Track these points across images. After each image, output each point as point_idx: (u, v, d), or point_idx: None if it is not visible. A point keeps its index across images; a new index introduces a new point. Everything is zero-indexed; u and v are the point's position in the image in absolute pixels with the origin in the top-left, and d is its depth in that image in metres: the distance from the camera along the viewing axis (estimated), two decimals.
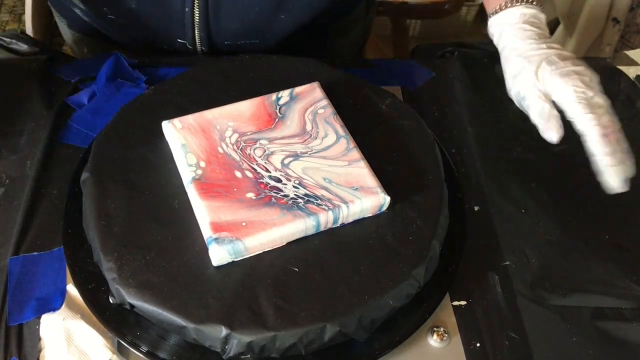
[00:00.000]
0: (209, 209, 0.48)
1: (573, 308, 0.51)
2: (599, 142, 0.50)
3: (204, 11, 0.69)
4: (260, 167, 0.51)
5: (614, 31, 1.50)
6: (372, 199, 0.49)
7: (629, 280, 0.53)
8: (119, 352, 0.47)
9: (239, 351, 0.44)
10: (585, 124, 0.51)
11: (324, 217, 0.48)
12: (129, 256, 0.47)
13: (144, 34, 0.74)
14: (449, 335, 0.49)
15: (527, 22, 0.59)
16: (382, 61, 0.72)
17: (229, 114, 0.55)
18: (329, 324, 0.44)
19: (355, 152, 0.53)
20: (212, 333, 0.44)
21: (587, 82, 0.53)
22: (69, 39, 0.83)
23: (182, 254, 0.47)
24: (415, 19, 1.56)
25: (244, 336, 0.43)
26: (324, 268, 0.47)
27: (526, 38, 0.57)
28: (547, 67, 0.54)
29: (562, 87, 0.52)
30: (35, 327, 0.47)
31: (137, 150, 0.54)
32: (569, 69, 0.54)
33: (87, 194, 0.51)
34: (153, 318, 0.45)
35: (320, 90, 0.58)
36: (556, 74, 0.53)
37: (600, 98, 0.52)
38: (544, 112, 0.53)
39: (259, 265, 0.47)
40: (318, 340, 0.44)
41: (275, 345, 0.44)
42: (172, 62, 0.70)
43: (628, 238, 0.57)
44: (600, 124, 0.51)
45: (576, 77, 0.53)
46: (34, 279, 0.50)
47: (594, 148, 0.51)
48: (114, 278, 0.46)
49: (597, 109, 0.52)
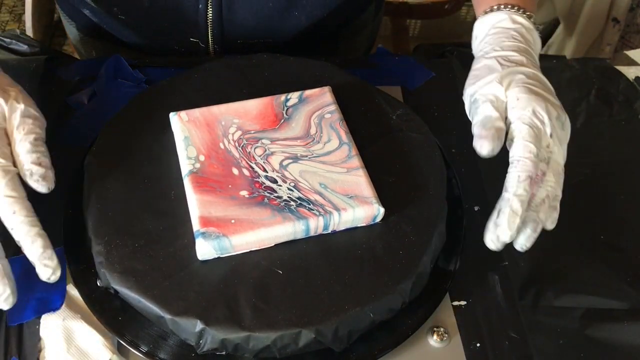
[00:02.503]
0: (201, 203, 0.48)
1: (565, 309, 0.51)
2: (520, 180, 0.44)
3: (218, 7, 0.69)
4: (258, 166, 0.51)
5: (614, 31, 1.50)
6: (365, 208, 0.49)
7: (621, 281, 0.53)
8: (119, 352, 0.47)
9: (213, 347, 0.44)
10: (520, 149, 0.46)
11: (314, 222, 0.48)
12: (118, 241, 0.48)
13: (155, 34, 0.73)
14: (449, 335, 0.49)
15: (515, 30, 0.54)
16: (382, 60, 0.72)
17: (236, 111, 0.55)
18: (305, 330, 0.44)
19: (356, 160, 0.52)
20: (188, 326, 0.44)
21: (551, 114, 0.47)
22: (77, 41, 0.82)
23: (171, 245, 0.48)
24: (415, 19, 1.56)
25: (218, 333, 0.43)
26: (308, 273, 0.47)
27: (508, 48, 0.52)
28: (518, 77, 0.49)
29: (524, 104, 0.47)
30: (35, 327, 0.47)
31: (144, 139, 0.55)
32: (541, 91, 0.48)
33: (88, 177, 0.52)
34: (135, 305, 0.46)
35: (330, 95, 0.57)
36: (525, 89, 0.48)
37: (555, 144, 0.47)
38: (488, 120, 0.47)
39: (243, 264, 0.47)
40: (292, 345, 0.44)
41: (248, 345, 0.44)
42: (173, 62, 0.70)
43: (623, 238, 0.57)
44: (535, 159, 0.45)
45: (543, 102, 0.48)
46: (34, 279, 0.50)
47: (511, 181, 0.45)
48: (101, 262, 0.47)
49: (544, 147, 0.46)
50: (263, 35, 0.73)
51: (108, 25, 0.75)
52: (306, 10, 0.71)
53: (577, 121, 0.67)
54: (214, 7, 0.69)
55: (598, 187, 0.61)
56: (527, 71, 0.50)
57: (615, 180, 0.62)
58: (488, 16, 0.55)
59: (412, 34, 1.60)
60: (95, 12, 0.73)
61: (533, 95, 0.48)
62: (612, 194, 0.60)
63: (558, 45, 1.58)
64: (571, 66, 0.73)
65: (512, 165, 0.46)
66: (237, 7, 0.69)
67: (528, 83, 0.49)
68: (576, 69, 0.73)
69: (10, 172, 0.46)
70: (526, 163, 0.45)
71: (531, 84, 0.49)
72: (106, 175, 0.52)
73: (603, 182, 0.61)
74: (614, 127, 0.67)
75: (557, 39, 1.58)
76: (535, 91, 0.48)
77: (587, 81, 0.71)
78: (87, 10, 0.74)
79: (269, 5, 0.69)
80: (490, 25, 0.55)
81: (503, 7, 0.55)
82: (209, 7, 0.69)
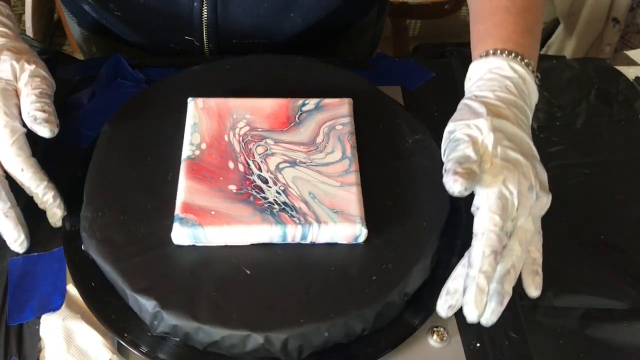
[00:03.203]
0: (188, 189, 0.49)
1: (565, 309, 0.51)
2: (485, 256, 0.42)
3: (213, 6, 0.69)
4: (255, 164, 0.51)
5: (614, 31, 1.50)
6: (347, 226, 0.48)
7: (621, 281, 0.53)
8: (119, 352, 0.47)
9: (165, 331, 0.45)
10: (486, 221, 0.43)
11: (291, 229, 0.47)
12: (105, 211, 0.49)
13: (151, 31, 0.74)
14: (449, 335, 0.49)
15: (511, 80, 0.50)
16: (382, 61, 0.72)
17: (251, 107, 0.56)
18: (254, 334, 0.43)
19: (354, 176, 0.51)
20: (145, 305, 0.45)
21: (522, 184, 0.45)
22: (79, 37, 0.83)
23: (154, 224, 0.49)
24: (415, 19, 1.56)
25: (171, 318, 0.44)
26: (275, 280, 0.46)
27: (497, 98, 0.49)
28: (497, 135, 0.46)
29: (496, 171, 0.45)
30: (35, 327, 0.47)
31: (159, 121, 0.56)
32: (516, 156, 0.46)
33: (99, 144, 0.54)
34: (107, 276, 0.47)
35: (348, 107, 0.56)
36: (501, 151, 0.45)
37: (522, 215, 0.44)
38: (467, 160, 0.44)
39: (215, 256, 0.47)
40: (240, 346, 0.44)
41: (197, 337, 0.44)
42: (173, 62, 0.70)
43: (623, 238, 0.57)
44: (500, 233, 0.43)
45: (516, 171, 0.45)
46: (34, 279, 0.50)
47: (475, 257, 0.43)
48: (85, 227, 0.49)
49: (511, 219, 0.44)
50: (259, 36, 0.73)
51: (106, 21, 0.75)
52: (302, 12, 0.71)
53: (577, 121, 0.67)
54: (209, 5, 0.69)
55: (598, 187, 0.61)
56: (509, 129, 0.47)
57: (615, 180, 0.62)
58: (485, 60, 0.52)
59: (412, 34, 1.60)
60: (94, 8, 0.73)
61: (505, 162, 0.45)
62: (612, 194, 0.60)
63: (558, 45, 1.58)
64: (571, 66, 0.73)
65: (477, 238, 0.43)
66: (232, 6, 0.69)
67: (506, 145, 0.46)
68: (576, 69, 0.73)
69: (17, 131, 0.50)
70: (491, 237, 0.43)
71: (508, 147, 0.46)
72: (116, 146, 0.54)
73: (603, 182, 0.61)
74: (614, 127, 0.67)
75: (557, 39, 1.58)
76: (509, 157, 0.46)
77: (587, 81, 0.71)
78: (87, 5, 0.74)
79: (264, 6, 0.69)
80: (486, 69, 0.52)
81: (500, 53, 0.52)
82: (204, 5, 0.69)
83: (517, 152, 0.46)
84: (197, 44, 0.73)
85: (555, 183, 0.61)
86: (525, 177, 0.45)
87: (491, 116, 0.47)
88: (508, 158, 0.46)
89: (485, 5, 0.56)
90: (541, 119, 0.67)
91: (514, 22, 0.54)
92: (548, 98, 0.69)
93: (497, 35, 0.53)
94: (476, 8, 0.58)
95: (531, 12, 0.55)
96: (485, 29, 0.55)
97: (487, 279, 0.42)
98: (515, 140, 0.47)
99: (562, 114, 0.68)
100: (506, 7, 0.54)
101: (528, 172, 0.46)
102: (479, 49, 0.54)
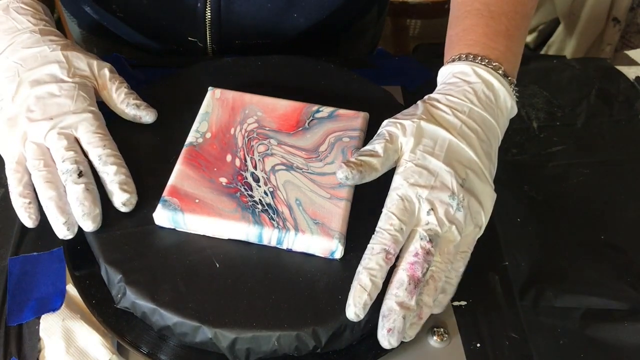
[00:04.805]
0: (180, 173, 0.50)
1: (565, 309, 0.51)
2: (374, 253, 0.42)
3: (216, 7, 0.69)
4: (252, 161, 0.51)
5: (614, 31, 1.50)
6: (323, 239, 0.46)
7: (621, 281, 0.53)
8: (119, 352, 0.47)
9: (126, 306, 0.46)
10: (382, 220, 0.43)
11: (268, 232, 0.47)
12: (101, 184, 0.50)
13: (154, 32, 0.74)
14: (449, 335, 0.49)
15: (472, 86, 0.48)
16: (382, 60, 0.72)
17: (265, 105, 0.56)
18: (205, 327, 0.43)
19: (346, 191, 0.49)
20: (113, 277, 0.46)
21: (440, 192, 0.44)
22: (79, 38, 0.83)
23: (143, 201, 0.50)
24: (415, 19, 1.56)
25: (131, 295, 0.45)
26: (241, 278, 0.46)
27: (448, 103, 0.48)
28: (425, 142, 0.46)
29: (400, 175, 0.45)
30: (35, 327, 0.47)
31: (178, 105, 0.57)
32: (437, 164, 0.45)
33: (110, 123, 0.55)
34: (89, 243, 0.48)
35: (362, 121, 0.55)
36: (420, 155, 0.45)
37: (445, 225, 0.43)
38: (368, 153, 0.46)
39: (190, 243, 0.48)
40: (190, 336, 0.44)
41: (153, 318, 0.45)
42: (173, 62, 0.70)
43: (623, 238, 0.57)
44: (396, 234, 0.42)
45: (431, 177, 0.44)
46: (33, 279, 0.50)
47: (365, 253, 0.43)
48: None
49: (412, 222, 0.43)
50: (261, 36, 0.73)
51: (108, 22, 0.75)
52: (305, 12, 0.71)
53: (578, 121, 0.67)
54: (212, 6, 0.69)
55: (598, 187, 0.61)
56: (439, 135, 0.46)
57: (615, 180, 0.62)
58: (451, 65, 0.51)
59: (412, 34, 1.60)
60: (96, 9, 0.73)
61: (420, 168, 0.45)
62: (612, 194, 0.60)
63: (558, 45, 1.58)
64: (571, 66, 0.73)
65: (373, 236, 0.44)
66: (235, 7, 0.69)
67: (427, 151, 0.45)
68: (576, 69, 0.73)
69: (101, 118, 0.52)
70: (384, 235, 0.42)
71: (429, 153, 0.45)
72: (125, 127, 0.55)
73: (603, 182, 0.61)
74: (614, 127, 0.67)
75: (557, 39, 1.58)
76: (427, 164, 0.45)
77: (588, 81, 0.71)
78: (88, 7, 0.74)
79: (267, 6, 0.69)
80: (451, 74, 0.51)
81: (465, 58, 0.50)
82: (207, 6, 0.69)
83: (439, 159, 0.45)
84: (201, 44, 0.73)
85: (556, 183, 0.61)
86: (446, 185, 0.44)
87: (425, 120, 0.47)
88: (425, 164, 0.45)
89: (460, 10, 0.55)
90: (541, 119, 0.67)
91: (485, 25, 0.52)
92: (548, 98, 0.69)
93: (465, 40, 0.52)
94: (451, 14, 0.57)
95: (509, 17, 0.53)
96: (455, 34, 0.54)
97: (371, 278, 0.42)
98: (442, 147, 0.46)
99: (563, 114, 0.68)
100: (478, 10, 0.53)
101: (449, 181, 0.45)
102: (447, 55, 0.53)
